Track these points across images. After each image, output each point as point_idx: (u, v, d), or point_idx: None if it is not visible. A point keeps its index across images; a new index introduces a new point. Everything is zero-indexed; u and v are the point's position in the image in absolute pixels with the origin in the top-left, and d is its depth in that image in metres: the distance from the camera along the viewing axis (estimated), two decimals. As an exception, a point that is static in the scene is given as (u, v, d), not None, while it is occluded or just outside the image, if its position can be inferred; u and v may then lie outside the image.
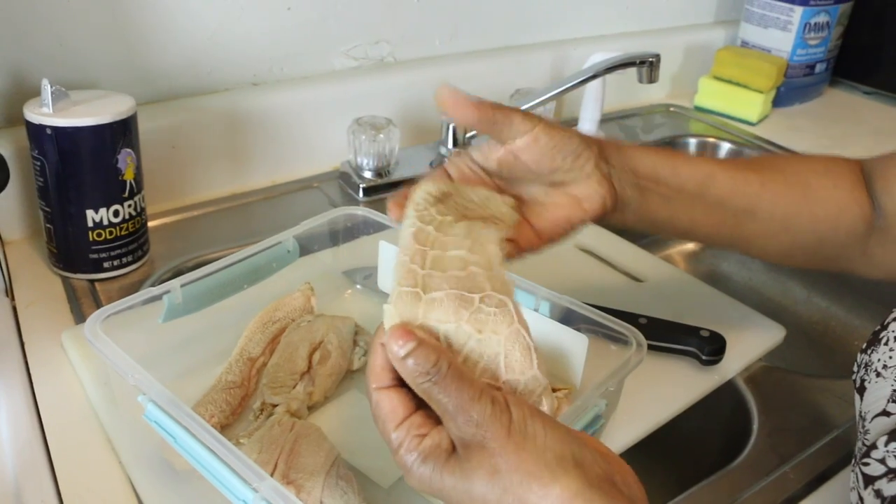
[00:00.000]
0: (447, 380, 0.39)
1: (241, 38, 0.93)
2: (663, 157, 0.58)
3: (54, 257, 0.77)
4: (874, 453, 0.45)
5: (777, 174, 0.61)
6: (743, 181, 0.60)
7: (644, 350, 0.57)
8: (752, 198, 0.60)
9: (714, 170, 0.59)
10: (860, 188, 0.62)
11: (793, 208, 0.61)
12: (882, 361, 0.49)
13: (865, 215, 0.61)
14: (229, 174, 0.95)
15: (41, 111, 0.70)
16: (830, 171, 0.62)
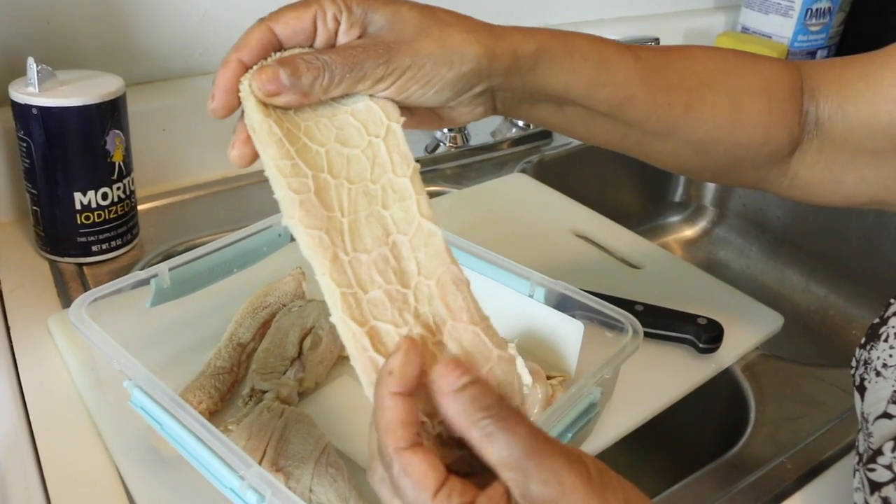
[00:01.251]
0: (514, 416, 0.33)
1: (232, 18, 0.92)
2: (583, 72, 0.50)
3: (41, 241, 0.76)
4: (880, 459, 0.44)
5: (708, 93, 0.54)
6: (665, 104, 0.53)
7: (640, 337, 0.57)
8: (670, 122, 0.54)
9: (636, 92, 0.52)
10: (795, 107, 0.56)
11: (714, 134, 0.55)
12: (882, 360, 0.47)
13: (793, 136, 0.57)
14: (221, 157, 0.92)
15: (27, 91, 0.68)
16: (769, 88, 0.56)
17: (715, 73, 0.55)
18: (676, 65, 0.54)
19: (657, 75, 0.53)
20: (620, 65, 0.51)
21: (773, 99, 0.56)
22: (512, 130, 1.08)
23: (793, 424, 0.64)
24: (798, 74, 0.57)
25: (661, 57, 0.54)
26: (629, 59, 0.52)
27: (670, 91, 0.53)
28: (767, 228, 1.17)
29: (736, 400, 0.67)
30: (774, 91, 0.56)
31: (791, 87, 0.57)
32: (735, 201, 1.20)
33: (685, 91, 0.54)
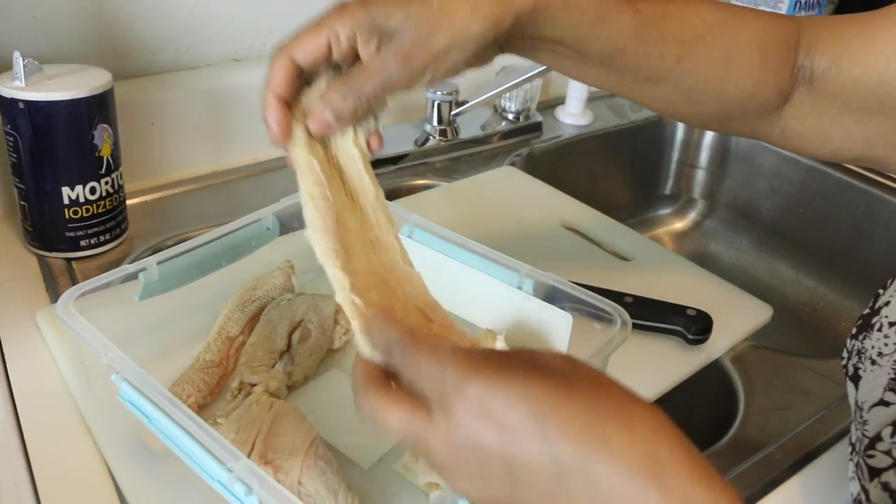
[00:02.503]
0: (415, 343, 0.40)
1: (221, 12, 0.91)
2: (579, 24, 0.52)
3: (29, 235, 0.75)
4: (879, 445, 0.44)
5: (702, 46, 0.56)
6: (658, 56, 0.55)
7: (629, 328, 0.57)
8: (661, 71, 0.56)
9: (629, 45, 0.54)
10: (788, 62, 0.58)
11: (703, 84, 0.57)
12: (877, 349, 0.48)
13: (783, 90, 0.58)
14: (210, 151, 0.93)
15: (13, 85, 0.68)
16: (763, 43, 0.57)
17: (712, 27, 0.57)
18: (674, 17, 0.56)
19: (653, 28, 0.55)
20: (617, 18, 0.53)
21: (766, 55, 0.57)
22: (502, 124, 1.08)
23: (782, 414, 0.64)
24: (796, 30, 0.58)
25: (662, 8, 0.55)
26: (627, 13, 0.53)
27: (664, 43, 0.55)
28: (757, 220, 1.17)
29: (725, 390, 0.67)
30: (768, 46, 0.57)
31: (786, 42, 0.58)
32: (725, 193, 1.21)
33: (679, 44, 0.55)
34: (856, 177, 1.03)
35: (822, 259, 1.09)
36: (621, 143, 1.17)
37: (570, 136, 1.11)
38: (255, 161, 0.96)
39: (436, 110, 1.00)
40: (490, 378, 0.35)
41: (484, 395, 0.35)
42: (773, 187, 1.14)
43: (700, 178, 1.23)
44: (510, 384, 0.35)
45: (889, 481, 0.43)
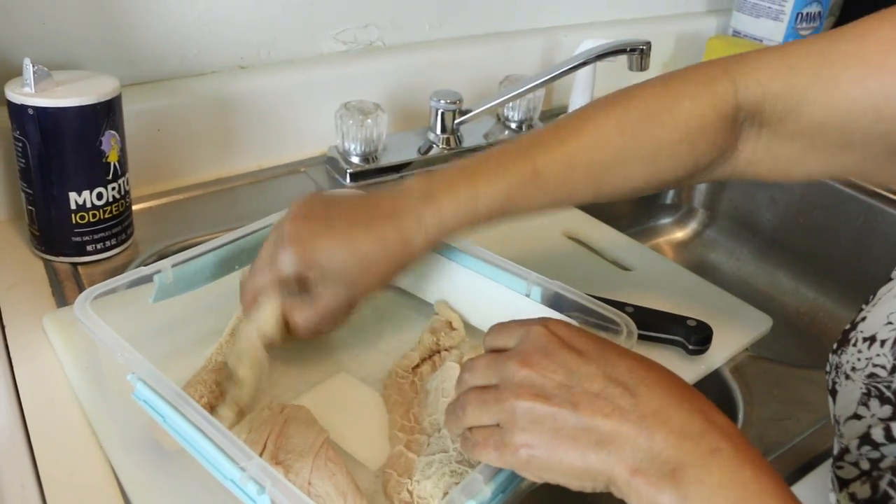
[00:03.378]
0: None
1: (228, 20, 0.92)
2: (487, 224, 0.60)
3: (36, 240, 0.76)
4: (847, 457, 0.45)
5: (619, 169, 0.59)
6: (575, 199, 0.61)
7: (634, 337, 0.57)
8: (585, 202, 0.62)
9: (546, 208, 0.60)
10: (723, 134, 0.58)
11: (635, 189, 0.60)
12: (850, 364, 0.48)
13: (723, 152, 0.59)
14: (215, 158, 0.94)
15: (23, 91, 0.69)
16: (690, 138, 0.58)
17: (624, 150, 0.58)
18: (581, 163, 0.58)
19: (563, 188, 0.59)
20: (526, 203, 0.59)
21: (696, 141, 0.58)
22: (505, 133, 1.09)
23: (781, 425, 0.64)
24: (731, 93, 0.58)
25: (567, 159, 0.58)
26: (534, 194, 0.58)
27: (577, 191, 0.60)
28: (757, 231, 1.18)
29: (725, 401, 0.68)
30: (696, 135, 0.58)
31: (718, 116, 0.57)
32: (725, 204, 1.21)
33: (593, 183, 0.59)
34: (856, 188, 1.04)
35: (822, 270, 1.10)
36: (623, 152, 1.17)
37: (573, 146, 1.12)
38: (259, 167, 0.97)
39: (439, 119, 1.00)
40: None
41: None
42: (773, 198, 1.15)
43: (701, 188, 1.23)
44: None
45: (856, 492, 0.43)
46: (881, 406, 0.45)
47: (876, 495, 0.42)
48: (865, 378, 0.47)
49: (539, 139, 0.60)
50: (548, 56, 1.20)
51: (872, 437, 0.43)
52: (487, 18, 1.15)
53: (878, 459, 0.43)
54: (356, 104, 0.94)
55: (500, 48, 1.14)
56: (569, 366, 0.42)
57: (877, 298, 0.50)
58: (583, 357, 0.42)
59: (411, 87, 1.06)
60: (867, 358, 0.47)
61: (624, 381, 0.41)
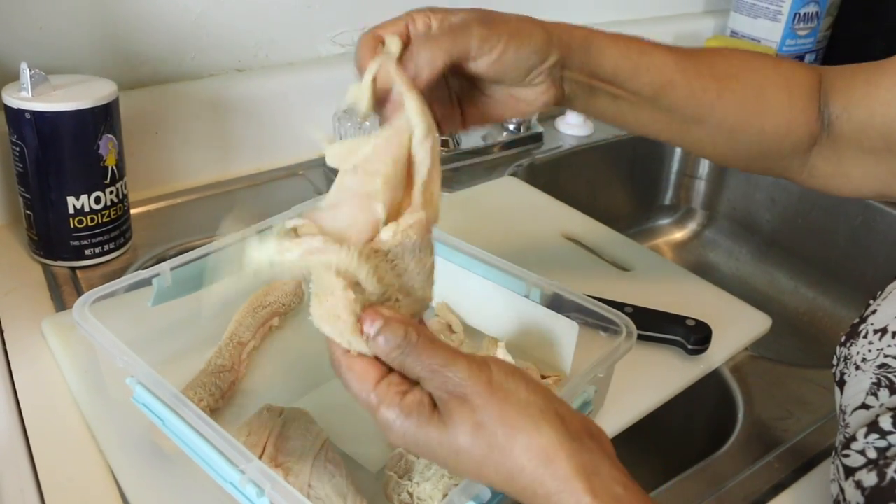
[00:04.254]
0: (419, 348, 0.40)
1: (225, 23, 0.92)
2: (627, 56, 0.57)
3: (34, 244, 0.76)
4: (854, 445, 0.45)
5: (736, 84, 0.60)
6: (701, 90, 0.59)
7: (633, 338, 0.57)
8: (706, 108, 0.60)
9: (675, 77, 0.58)
10: (813, 104, 0.62)
11: (743, 120, 0.61)
12: (861, 354, 0.49)
13: (812, 131, 0.62)
14: (213, 161, 0.94)
15: (20, 95, 0.69)
16: (789, 85, 0.62)
17: (739, 68, 0.61)
18: (704, 58, 0.60)
19: (690, 63, 0.59)
20: (658, 53, 0.58)
21: (793, 95, 0.61)
22: (503, 134, 1.09)
23: (780, 424, 0.64)
24: (817, 77, 0.63)
25: (692, 51, 0.60)
26: (664, 50, 0.59)
27: (702, 78, 0.59)
28: (756, 231, 1.18)
29: (724, 400, 0.68)
30: (794, 88, 0.62)
31: (809, 86, 0.62)
32: (724, 204, 1.21)
33: (715, 79, 0.60)
34: (854, 188, 1.04)
35: (821, 269, 1.10)
36: (621, 153, 1.18)
37: (571, 147, 1.12)
38: (258, 170, 0.97)
39: (437, 121, 1.00)
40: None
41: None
42: (772, 198, 1.15)
43: (700, 189, 1.24)
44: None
45: (862, 479, 0.44)
46: (891, 395, 0.46)
47: (882, 482, 0.42)
48: (876, 369, 0.47)
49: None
50: (545, 57, 1.19)
51: (880, 426, 0.44)
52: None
53: (885, 448, 0.44)
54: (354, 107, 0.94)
55: (497, 50, 1.14)
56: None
57: (886, 292, 0.51)
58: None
59: (409, 90, 1.06)
60: (878, 349, 0.48)
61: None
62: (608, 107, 0.59)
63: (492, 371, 0.40)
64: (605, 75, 0.56)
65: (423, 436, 0.39)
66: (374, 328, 0.40)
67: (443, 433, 0.39)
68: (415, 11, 0.52)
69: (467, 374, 0.39)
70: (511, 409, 0.38)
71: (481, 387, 0.39)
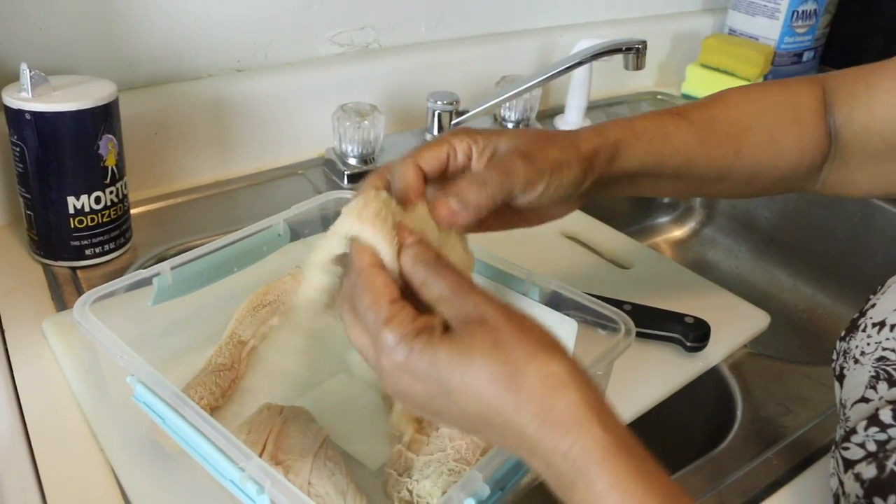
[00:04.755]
0: (445, 269, 0.42)
1: (224, 23, 0.92)
2: (652, 151, 0.58)
3: (35, 244, 0.76)
4: (854, 438, 0.46)
5: (751, 136, 0.62)
6: (720, 157, 0.61)
7: (632, 335, 0.57)
8: (724, 169, 0.61)
9: (695, 153, 0.60)
10: (821, 124, 0.63)
11: (760, 168, 0.62)
12: (860, 348, 0.49)
13: (823, 150, 0.63)
14: (213, 161, 0.94)
15: (20, 96, 0.69)
16: (798, 116, 0.63)
17: (752, 117, 0.63)
18: (721, 118, 0.62)
19: (709, 133, 0.61)
20: (678, 135, 0.59)
21: (803, 125, 0.63)
22: (502, 133, 1.09)
23: (779, 421, 0.65)
24: (821, 91, 0.64)
25: (709, 114, 0.62)
26: (684, 127, 0.60)
27: (721, 144, 0.61)
28: (756, 229, 1.18)
29: (723, 397, 0.68)
30: (802, 117, 0.63)
31: (816, 107, 0.63)
32: (723, 202, 1.22)
33: (732, 139, 0.61)
34: (853, 185, 1.04)
35: (820, 267, 1.10)
36: (620, 151, 1.18)
37: (570, 145, 1.12)
38: (257, 170, 0.97)
39: (436, 120, 1.00)
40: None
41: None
42: (770, 196, 1.15)
43: (698, 187, 1.23)
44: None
45: (861, 472, 0.44)
46: (889, 388, 0.46)
47: (882, 475, 0.42)
48: (875, 362, 0.48)
49: (676, 107, 0.63)
50: (544, 56, 1.20)
51: (880, 419, 0.44)
52: (483, 19, 1.15)
53: (885, 441, 0.44)
54: (353, 106, 0.95)
55: (496, 49, 1.15)
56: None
57: (886, 287, 0.52)
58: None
59: (408, 89, 1.06)
60: (877, 342, 0.48)
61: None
62: (629, 188, 0.61)
63: (509, 304, 0.41)
64: (631, 173, 0.58)
65: (431, 355, 0.39)
66: (412, 238, 0.43)
67: (456, 352, 0.39)
68: (455, 137, 0.51)
69: (487, 299, 0.40)
70: (528, 335, 0.39)
71: (501, 311, 0.40)
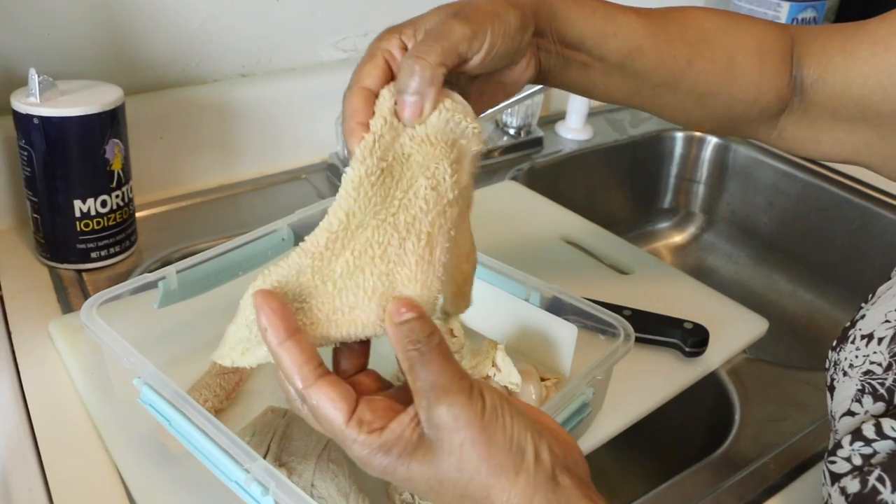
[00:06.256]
0: (434, 353, 0.39)
1: (229, 29, 0.93)
2: (592, 21, 0.55)
3: (41, 247, 0.77)
4: (840, 452, 0.46)
5: (707, 50, 0.60)
6: (670, 56, 0.58)
7: (632, 340, 0.58)
8: (676, 73, 0.59)
9: (643, 43, 0.57)
10: (785, 69, 0.61)
11: (713, 87, 0.60)
12: (848, 360, 0.49)
13: (782, 96, 0.62)
14: (217, 165, 0.95)
15: (28, 101, 0.70)
16: (761, 50, 0.61)
17: (711, 32, 0.60)
18: (676, 22, 0.60)
19: (660, 29, 0.58)
20: (625, 18, 0.57)
21: (765, 60, 0.61)
22: (503, 139, 1.10)
23: (777, 426, 0.65)
24: (789, 39, 0.62)
25: (662, 14, 0.59)
26: (632, 14, 0.57)
27: (673, 44, 0.58)
28: (755, 235, 1.19)
29: (721, 402, 0.69)
30: (765, 52, 0.61)
31: (781, 50, 0.61)
32: (723, 208, 1.22)
33: (686, 45, 0.59)
34: (852, 192, 1.05)
35: (819, 272, 1.11)
36: (621, 157, 1.19)
37: (571, 151, 1.13)
38: (261, 175, 0.98)
39: (439, 125, 1.01)
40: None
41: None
42: (770, 202, 1.16)
43: (699, 193, 1.24)
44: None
45: (846, 486, 0.44)
46: (874, 403, 0.46)
47: (864, 490, 0.42)
48: (861, 375, 0.47)
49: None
50: (546, 62, 1.20)
51: (864, 433, 0.44)
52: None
53: (869, 455, 0.44)
54: (356, 111, 0.95)
55: (498, 55, 1.15)
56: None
57: (876, 297, 0.51)
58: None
59: (411, 94, 1.07)
60: (864, 355, 0.48)
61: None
62: (580, 77, 0.58)
63: (486, 401, 0.39)
64: (572, 42, 0.55)
65: (405, 469, 0.39)
66: (409, 315, 0.39)
67: (426, 466, 0.39)
68: (384, 41, 0.48)
69: (466, 398, 0.38)
70: (497, 448, 0.38)
71: (474, 417, 0.38)
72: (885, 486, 0.42)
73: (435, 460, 0.39)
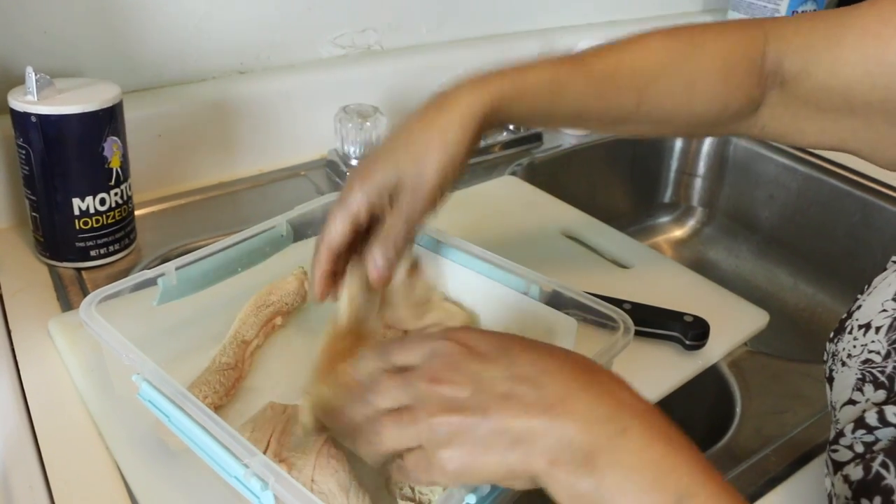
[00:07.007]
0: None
1: (227, 25, 0.93)
2: (538, 108, 0.59)
3: (40, 246, 0.77)
4: (842, 440, 0.46)
5: (662, 84, 0.61)
6: (617, 106, 0.60)
7: (631, 333, 0.58)
8: (624, 115, 0.61)
9: (590, 104, 0.60)
10: (752, 76, 0.62)
11: (669, 115, 0.62)
12: (847, 351, 0.49)
13: (752, 98, 0.62)
14: (216, 162, 0.95)
15: (26, 99, 0.70)
16: (725, 67, 0.61)
17: (668, 65, 0.61)
18: (626, 68, 0.60)
19: (608, 84, 0.60)
20: (572, 87, 0.59)
21: (730, 75, 0.61)
22: (503, 134, 1.09)
23: (777, 418, 0.65)
24: (762, 40, 0.62)
25: (614, 62, 0.61)
26: (580, 80, 0.59)
27: (621, 93, 0.60)
28: (756, 228, 1.19)
29: (722, 395, 0.68)
30: (731, 68, 0.61)
31: (750, 57, 0.62)
32: (723, 202, 1.22)
33: (636, 91, 0.60)
34: (852, 185, 1.05)
35: (820, 266, 1.10)
36: (621, 152, 1.18)
37: (571, 146, 1.12)
38: (260, 171, 0.98)
39: (438, 121, 1.01)
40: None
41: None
42: (771, 195, 1.15)
43: (699, 187, 1.24)
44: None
45: (849, 474, 0.44)
46: (875, 391, 0.46)
47: (868, 476, 0.43)
48: (861, 364, 0.48)
49: (587, 50, 0.62)
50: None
51: (866, 421, 0.45)
52: (484, 21, 1.16)
53: (872, 442, 0.44)
54: (355, 107, 0.95)
55: (497, 50, 1.15)
56: (475, 374, 0.42)
57: (872, 287, 0.52)
58: (487, 361, 0.42)
59: (410, 91, 1.07)
60: (862, 345, 0.48)
61: (527, 376, 0.41)
62: (524, 125, 0.63)
63: None
64: (518, 121, 0.60)
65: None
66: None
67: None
68: (353, 202, 0.55)
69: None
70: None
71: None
72: (889, 472, 0.42)
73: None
